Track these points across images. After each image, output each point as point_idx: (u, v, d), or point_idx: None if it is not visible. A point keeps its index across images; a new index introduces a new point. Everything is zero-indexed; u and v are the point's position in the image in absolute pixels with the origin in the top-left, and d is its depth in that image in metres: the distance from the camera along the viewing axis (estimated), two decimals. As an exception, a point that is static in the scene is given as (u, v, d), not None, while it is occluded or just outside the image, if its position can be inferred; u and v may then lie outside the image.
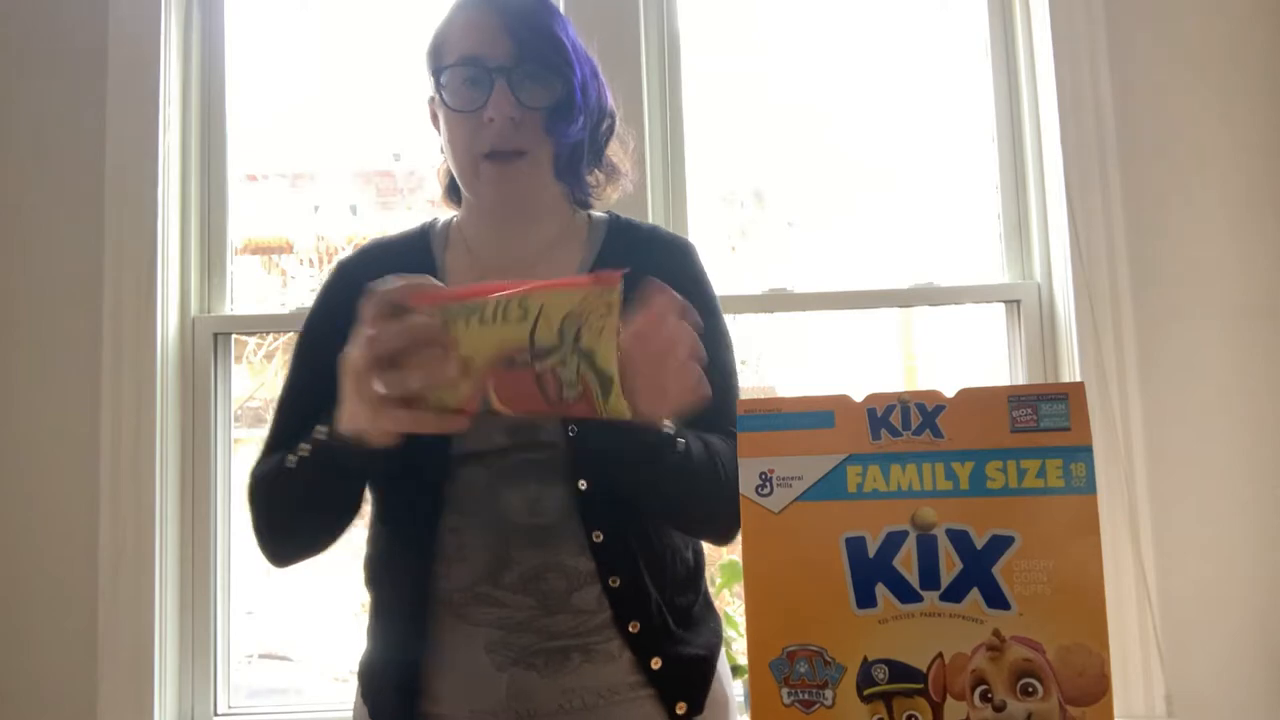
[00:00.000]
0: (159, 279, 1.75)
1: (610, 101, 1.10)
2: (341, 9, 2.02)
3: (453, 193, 1.13)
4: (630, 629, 0.98)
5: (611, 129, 1.11)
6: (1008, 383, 1.85)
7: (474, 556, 0.98)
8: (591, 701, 0.97)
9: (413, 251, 1.09)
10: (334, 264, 1.13)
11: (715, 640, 1.06)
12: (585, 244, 1.09)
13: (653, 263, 0.98)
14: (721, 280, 1.17)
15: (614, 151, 1.13)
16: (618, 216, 1.14)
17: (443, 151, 1.07)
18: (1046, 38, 1.79)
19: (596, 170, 1.11)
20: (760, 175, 1.99)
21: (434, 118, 1.07)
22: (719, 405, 0.83)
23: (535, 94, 0.99)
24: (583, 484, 0.97)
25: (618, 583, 0.98)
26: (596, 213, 1.13)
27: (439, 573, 0.98)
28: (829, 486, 0.65)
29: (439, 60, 1.03)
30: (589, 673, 0.97)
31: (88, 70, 1.78)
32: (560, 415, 0.74)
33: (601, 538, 0.98)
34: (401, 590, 1.00)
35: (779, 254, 1.99)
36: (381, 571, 1.03)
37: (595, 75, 1.06)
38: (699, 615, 1.06)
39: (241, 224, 1.91)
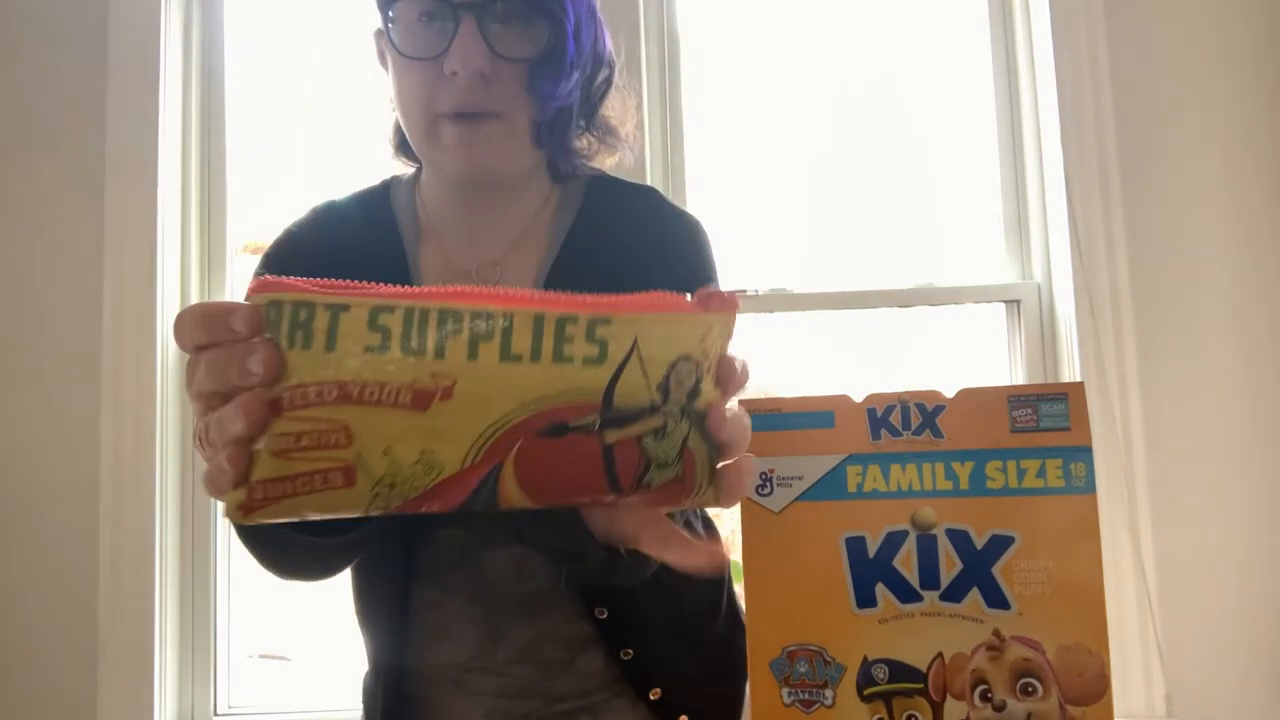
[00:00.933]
0: (159, 279, 1.75)
1: (609, 47, 0.89)
2: (342, 7, 2.02)
3: (405, 148, 0.90)
4: (651, 696, 0.86)
5: (609, 82, 0.90)
6: (1008, 383, 1.85)
7: (460, 635, 0.86)
8: None
9: (370, 215, 0.90)
10: (281, 233, 0.92)
11: (743, 662, 0.94)
12: (551, 222, 0.88)
13: (640, 237, 0.85)
14: (721, 280, 1.16)
15: (612, 109, 0.91)
16: (603, 175, 0.92)
17: (392, 103, 0.85)
18: (1046, 37, 1.79)
19: (588, 134, 0.90)
20: (761, 174, 1.99)
21: (381, 57, 0.85)
22: None
23: (514, 41, 0.76)
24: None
25: (630, 654, 0.85)
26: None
27: (423, 650, 0.87)
28: (829, 486, 0.65)
29: None
30: None
31: (88, 70, 1.78)
32: (610, 508, 0.50)
33: (606, 614, 0.84)
34: (386, 664, 0.89)
35: (779, 254, 1.99)
36: (362, 627, 0.93)
37: (592, 14, 0.84)
38: (724, 639, 0.95)
39: (241, 224, 1.91)
